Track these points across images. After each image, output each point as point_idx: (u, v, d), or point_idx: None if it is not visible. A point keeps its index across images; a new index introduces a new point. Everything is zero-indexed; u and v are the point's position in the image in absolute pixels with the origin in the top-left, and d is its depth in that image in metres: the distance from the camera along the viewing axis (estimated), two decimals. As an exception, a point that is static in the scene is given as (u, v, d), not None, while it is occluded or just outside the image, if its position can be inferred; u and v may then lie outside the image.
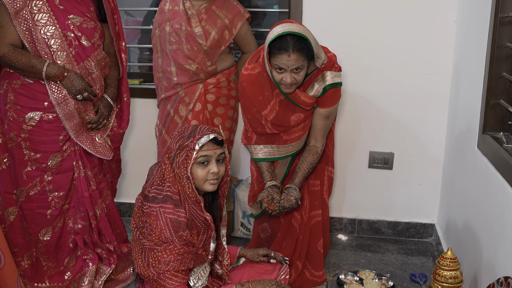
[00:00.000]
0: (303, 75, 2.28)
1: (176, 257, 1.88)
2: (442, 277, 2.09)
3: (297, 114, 2.42)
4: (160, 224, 1.87)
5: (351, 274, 2.63)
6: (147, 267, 1.90)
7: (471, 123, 2.48)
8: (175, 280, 1.89)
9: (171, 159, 1.94)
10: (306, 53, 2.22)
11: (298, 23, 2.28)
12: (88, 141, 2.48)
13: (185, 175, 1.91)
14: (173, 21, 2.82)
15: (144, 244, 1.90)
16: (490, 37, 2.21)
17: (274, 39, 2.19)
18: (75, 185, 2.52)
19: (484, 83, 2.27)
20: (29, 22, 2.27)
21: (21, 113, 2.38)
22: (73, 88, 2.34)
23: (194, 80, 2.86)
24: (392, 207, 3.27)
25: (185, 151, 1.91)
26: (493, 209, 2.10)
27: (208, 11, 2.80)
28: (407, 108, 3.07)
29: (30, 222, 2.50)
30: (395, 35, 2.97)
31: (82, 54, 2.39)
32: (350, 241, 3.25)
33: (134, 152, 3.46)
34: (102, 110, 2.50)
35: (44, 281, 2.57)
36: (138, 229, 1.94)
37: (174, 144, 1.96)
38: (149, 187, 1.97)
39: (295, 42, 2.18)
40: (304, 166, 2.47)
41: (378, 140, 3.16)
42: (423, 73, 3.00)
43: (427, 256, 3.05)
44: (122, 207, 3.54)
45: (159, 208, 1.89)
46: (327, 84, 2.34)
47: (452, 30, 2.91)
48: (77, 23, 2.37)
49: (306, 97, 2.36)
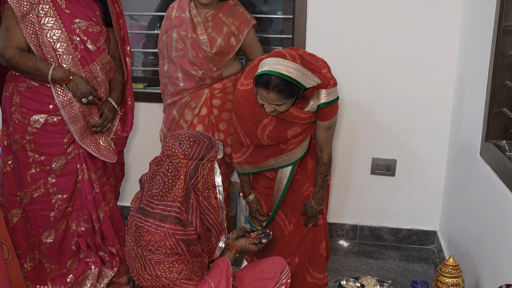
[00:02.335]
0: (286, 107, 2.27)
1: (187, 266, 1.90)
2: (444, 284, 2.10)
3: (294, 129, 2.42)
4: (170, 244, 1.86)
5: (352, 280, 2.63)
6: (157, 278, 1.89)
7: (473, 131, 2.49)
8: (191, 283, 1.92)
9: (193, 171, 1.91)
10: (288, 93, 2.19)
11: (294, 55, 2.22)
12: (93, 144, 2.49)
13: (213, 183, 1.93)
14: (180, 28, 2.83)
15: (152, 259, 1.88)
16: (493, 45, 2.22)
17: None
18: (78, 188, 2.53)
19: (487, 91, 2.28)
20: (35, 25, 2.28)
21: (26, 115, 2.39)
22: (78, 92, 2.36)
23: (201, 85, 2.87)
24: (394, 213, 3.27)
25: (209, 162, 1.93)
26: (495, 217, 2.10)
27: (215, 18, 2.81)
28: (411, 115, 3.08)
29: (33, 224, 2.51)
30: (399, 43, 2.98)
31: (87, 58, 2.41)
32: (352, 247, 3.25)
33: (138, 155, 3.47)
34: (107, 114, 2.52)
35: (47, 283, 2.57)
36: (139, 248, 1.89)
37: (196, 153, 1.91)
38: (146, 200, 1.93)
39: (278, 82, 2.15)
40: (318, 178, 2.54)
41: (381, 147, 3.16)
42: (426, 80, 3.01)
43: (428, 263, 3.05)
44: (125, 210, 3.55)
45: (168, 230, 1.86)
46: (321, 102, 2.34)
47: (455, 38, 2.92)
48: (83, 27, 2.39)
49: (299, 113, 2.36)
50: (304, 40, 3.06)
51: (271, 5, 3.48)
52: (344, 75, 2.99)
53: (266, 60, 2.23)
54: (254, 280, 2.19)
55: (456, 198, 2.83)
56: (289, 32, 3.20)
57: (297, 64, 2.19)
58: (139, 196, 2.02)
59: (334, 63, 2.68)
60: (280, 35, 3.33)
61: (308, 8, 3.01)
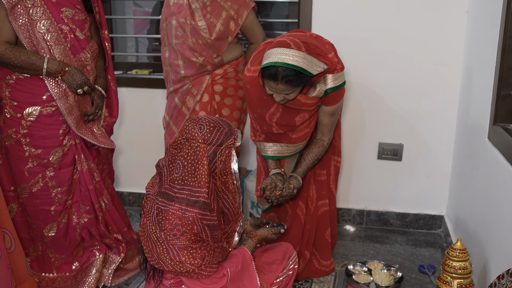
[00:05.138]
0: (295, 95, 2.25)
1: (209, 252, 1.94)
2: (451, 268, 2.09)
3: (302, 115, 2.41)
4: (197, 229, 1.88)
5: (359, 264, 2.64)
6: (180, 264, 1.92)
7: (481, 114, 2.47)
8: (214, 267, 1.97)
9: (211, 156, 1.92)
10: (297, 82, 2.17)
11: (298, 43, 2.19)
12: (89, 133, 2.48)
13: (230, 170, 1.95)
14: (179, 15, 2.82)
15: (175, 244, 1.90)
16: (502, 28, 2.19)
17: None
18: (75, 180, 2.51)
19: (495, 74, 2.26)
20: (24, 17, 2.23)
21: (19, 108, 2.35)
22: (74, 83, 2.34)
23: (202, 71, 2.86)
24: (401, 198, 3.26)
25: (227, 148, 1.93)
26: (503, 201, 2.09)
27: (213, 3, 2.79)
28: (417, 99, 3.06)
29: (34, 218, 2.48)
30: (406, 26, 2.95)
31: (77, 47, 2.39)
32: (359, 232, 3.26)
33: (142, 141, 3.47)
34: (97, 101, 2.51)
35: (52, 271, 2.57)
36: (162, 231, 1.90)
37: (215, 139, 1.92)
38: (168, 185, 1.93)
39: (285, 73, 2.13)
40: (309, 157, 2.47)
41: (388, 132, 3.15)
42: (434, 64, 2.98)
43: (435, 248, 3.05)
44: (131, 196, 3.57)
45: (196, 215, 1.87)
46: (328, 87, 2.32)
47: (463, 21, 2.89)
48: (70, 15, 2.36)
49: (306, 99, 2.34)
50: (310, 24, 3.04)
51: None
52: (351, 59, 2.97)
53: (270, 50, 2.20)
54: (262, 265, 2.21)
55: (463, 182, 2.82)
56: (295, 17, 3.17)
57: (302, 52, 2.16)
58: (157, 180, 2.02)
59: (341, 47, 2.66)
60: (285, 19, 3.31)
61: (313, -9, 2.98)
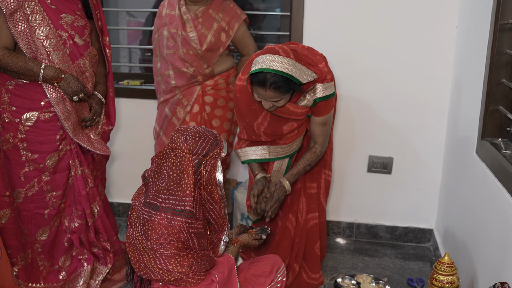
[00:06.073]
0: (284, 102, 2.26)
1: (197, 260, 1.92)
2: (439, 282, 2.09)
3: (290, 123, 2.41)
4: (183, 237, 1.88)
5: (348, 277, 2.63)
6: (168, 272, 1.90)
7: (470, 128, 2.49)
8: (202, 275, 1.95)
9: (196, 166, 1.91)
10: (285, 89, 2.19)
11: (286, 50, 2.21)
12: (85, 139, 2.49)
13: (214, 180, 1.94)
14: (170, 25, 2.83)
15: (162, 253, 1.89)
16: (490, 43, 2.22)
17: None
18: (69, 184, 2.52)
19: (483, 89, 2.28)
20: (23, 23, 2.25)
21: (17, 114, 2.37)
22: (70, 90, 2.35)
23: (192, 82, 2.87)
24: (391, 211, 3.27)
25: (212, 158, 1.93)
26: (491, 215, 2.10)
27: (204, 14, 2.81)
28: (407, 113, 3.08)
29: (27, 223, 2.48)
30: (396, 41, 2.97)
31: (76, 53, 2.40)
32: (348, 245, 3.25)
33: (132, 152, 3.46)
34: (95, 108, 2.52)
35: (39, 281, 2.56)
36: (149, 241, 1.89)
37: (200, 149, 1.91)
38: (153, 195, 1.92)
39: (274, 79, 2.14)
40: (301, 163, 2.47)
41: (378, 145, 3.16)
42: (423, 78, 3.00)
43: (424, 261, 3.06)
44: (121, 207, 3.55)
45: (182, 223, 1.86)
46: (317, 97, 2.33)
47: (452, 36, 2.92)
48: (69, 21, 2.37)
49: (296, 108, 2.35)
50: (301, 37, 3.06)
51: (269, 3, 3.47)
52: (341, 73, 2.98)
53: (259, 57, 2.22)
54: (250, 277, 2.19)
55: (452, 196, 2.83)
56: (287, 29, 3.19)
57: (291, 59, 2.18)
58: (143, 191, 2.02)
59: (331, 60, 2.68)
60: (277, 32, 3.33)
61: (305, 5, 3.00)
